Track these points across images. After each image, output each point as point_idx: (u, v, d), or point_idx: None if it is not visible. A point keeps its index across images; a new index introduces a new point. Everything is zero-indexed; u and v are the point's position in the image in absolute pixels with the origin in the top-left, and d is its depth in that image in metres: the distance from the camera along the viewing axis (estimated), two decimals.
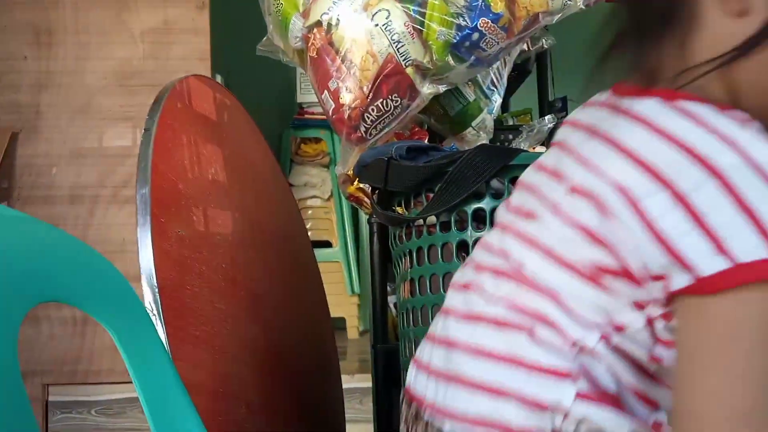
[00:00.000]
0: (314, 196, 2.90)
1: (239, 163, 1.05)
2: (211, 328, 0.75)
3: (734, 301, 0.37)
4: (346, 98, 0.98)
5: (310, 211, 2.85)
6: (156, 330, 0.60)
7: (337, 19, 0.96)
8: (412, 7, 0.96)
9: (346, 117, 0.99)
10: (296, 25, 1.01)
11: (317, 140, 2.96)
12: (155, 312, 0.63)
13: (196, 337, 0.70)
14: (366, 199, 1.20)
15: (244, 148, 1.10)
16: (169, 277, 0.68)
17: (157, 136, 0.75)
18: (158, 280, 0.65)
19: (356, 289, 2.75)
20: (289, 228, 1.31)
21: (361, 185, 1.14)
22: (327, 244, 2.82)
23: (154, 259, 0.66)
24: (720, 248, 0.37)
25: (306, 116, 2.92)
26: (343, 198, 2.79)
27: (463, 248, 0.74)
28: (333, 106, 1.00)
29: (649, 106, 0.44)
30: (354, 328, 2.71)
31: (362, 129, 1.01)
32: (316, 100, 2.51)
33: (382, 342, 1.09)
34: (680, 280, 0.38)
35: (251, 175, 1.09)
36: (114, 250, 1.75)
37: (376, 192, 0.87)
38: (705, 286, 0.37)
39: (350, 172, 1.11)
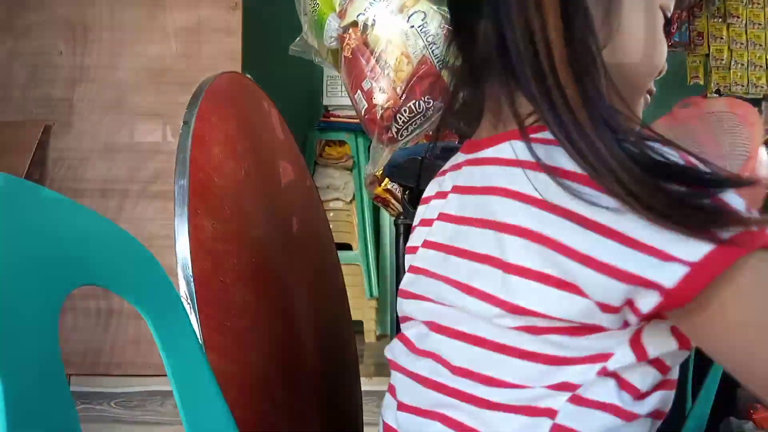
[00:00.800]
0: (336, 199, 2.91)
1: (271, 161, 1.06)
2: (241, 320, 0.75)
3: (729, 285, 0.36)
4: (380, 98, 0.98)
5: (331, 213, 2.86)
6: (189, 319, 0.61)
7: (373, 20, 0.97)
8: (448, 10, 0.96)
9: (378, 117, 1.00)
10: (332, 25, 1.01)
11: (341, 143, 2.97)
12: (189, 301, 0.63)
13: (227, 328, 0.70)
14: (392, 200, 1.20)
15: (275, 146, 1.11)
16: (204, 267, 0.69)
17: (195, 129, 0.76)
18: (193, 270, 0.66)
19: (375, 292, 2.75)
20: (315, 228, 1.31)
21: (389, 187, 1.14)
22: (347, 247, 2.83)
23: (190, 250, 0.67)
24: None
25: (331, 119, 2.93)
26: (365, 201, 2.79)
27: None
28: (366, 106, 1.01)
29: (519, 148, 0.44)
30: (371, 331, 2.71)
31: (394, 129, 1.02)
32: (342, 103, 2.52)
33: None
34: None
35: (281, 174, 1.09)
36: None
37: (407, 192, 0.88)
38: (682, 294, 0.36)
39: (379, 173, 1.12)
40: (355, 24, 0.99)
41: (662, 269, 0.36)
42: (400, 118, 1.00)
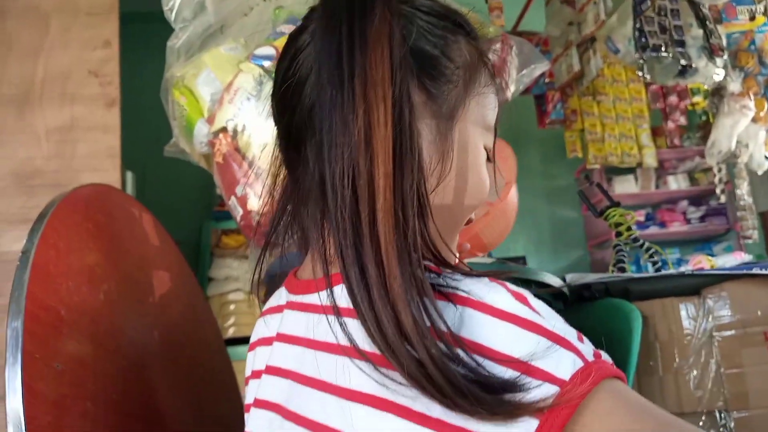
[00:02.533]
0: (237, 290, 2.79)
1: (142, 274, 0.98)
2: None
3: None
4: (255, 204, 0.94)
5: (232, 306, 2.73)
6: None
7: (244, 126, 0.94)
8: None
9: (254, 223, 0.95)
10: (201, 130, 0.97)
11: (239, 231, 2.89)
12: None
13: None
14: None
15: (148, 256, 1.03)
16: (44, 423, 0.59)
17: (38, 258, 0.68)
18: (28, 429, 0.57)
19: None
20: (200, 335, 1.22)
21: None
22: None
23: (24, 405, 0.57)
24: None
25: (227, 208, 2.86)
26: None
27: None
28: (241, 212, 0.96)
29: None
30: None
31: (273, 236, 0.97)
32: None
33: None
34: None
35: (156, 284, 1.01)
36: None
37: None
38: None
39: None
40: (225, 129, 0.95)
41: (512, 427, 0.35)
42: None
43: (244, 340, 3.06)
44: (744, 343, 0.92)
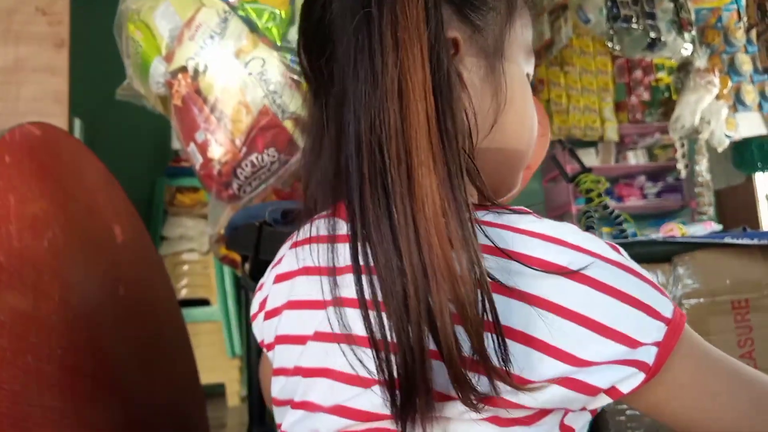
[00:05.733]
0: (191, 250, 2.70)
1: (90, 224, 0.91)
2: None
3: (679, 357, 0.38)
4: (216, 152, 0.88)
5: (186, 266, 2.65)
6: None
7: (206, 66, 0.87)
8: (289, 57, 0.88)
9: (215, 173, 0.89)
10: (158, 69, 0.90)
11: (194, 189, 2.78)
12: None
13: None
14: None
15: (98, 206, 0.96)
16: None
17: None
18: None
19: (238, 351, 2.55)
20: (151, 291, 1.16)
21: None
22: (205, 302, 2.62)
23: None
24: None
25: (182, 163, 2.74)
26: None
27: None
28: (201, 160, 0.89)
29: None
30: (235, 393, 2.51)
31: (235, 185, 0.91)
32: None
33: (259, 424, 0.96)
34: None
35: (103, 235, 0.94)
36: None
37: (248, 259, 0.77)
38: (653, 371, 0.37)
39: (222, 231, 1.00)
40: (184, 69, 0.88)
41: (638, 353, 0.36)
42: (241, 174, 0.89)
43: (198, 302, 2.95)
44: (712, 311, 0.92)
